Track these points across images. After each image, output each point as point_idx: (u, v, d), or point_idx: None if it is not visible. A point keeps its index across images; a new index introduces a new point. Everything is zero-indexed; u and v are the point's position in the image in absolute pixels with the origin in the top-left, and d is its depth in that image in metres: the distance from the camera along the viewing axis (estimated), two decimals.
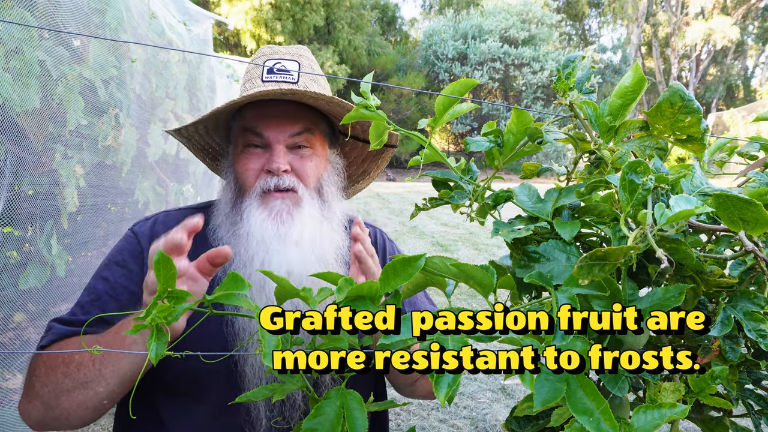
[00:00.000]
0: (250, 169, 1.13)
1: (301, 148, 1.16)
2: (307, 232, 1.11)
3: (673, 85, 0.75)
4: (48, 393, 0.96)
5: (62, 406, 0.96)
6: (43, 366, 0.99)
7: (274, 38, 20.33)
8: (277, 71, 1.18)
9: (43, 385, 0.97)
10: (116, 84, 2.42)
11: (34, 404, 0.98)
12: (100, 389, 0.94)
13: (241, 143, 1.16)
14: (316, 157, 1.18)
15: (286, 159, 1.12)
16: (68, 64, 1.94)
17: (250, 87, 1.19)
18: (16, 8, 1.63)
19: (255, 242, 1.08)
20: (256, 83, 1.19)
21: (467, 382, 3.64)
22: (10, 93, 1.60)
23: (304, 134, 1.16)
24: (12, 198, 1.72)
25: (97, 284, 1.12)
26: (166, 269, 0.59)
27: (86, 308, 1.09)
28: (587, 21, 41.21)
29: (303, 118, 1.16)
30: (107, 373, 0.93)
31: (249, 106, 1.15)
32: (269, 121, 1.13)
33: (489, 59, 24.99)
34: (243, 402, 0.83)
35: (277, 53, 1.21)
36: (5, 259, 1.74)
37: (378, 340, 0.59)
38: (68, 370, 0.95)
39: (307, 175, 1.15)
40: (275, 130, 1.13)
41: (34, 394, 0.98)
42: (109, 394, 0.95)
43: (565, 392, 0.56)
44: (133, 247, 1.16)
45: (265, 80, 1.18)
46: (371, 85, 0.77)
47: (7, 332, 1.75)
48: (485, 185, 0.84)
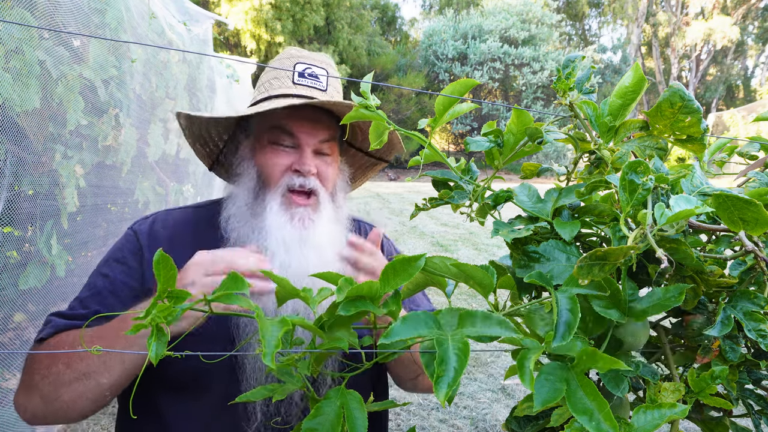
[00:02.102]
0: (278, 164, 1.15)
1: (324, 155, 1.20)
2: (326, 236, 1.14)
3: (673, 85, 0.75)
4: (48, 385, 0.96)
5: (62, 398, 0.96)
6: (43, 358, 0.99)
7: (274, 38, 20.33)
8: (309, 76, 1.21)
9: (43, 377, 0.97)
10: (116, 84, 2.42)
11: (32, 397, 0.98)
12: (104, 380, 0.94)
13: (267, 139, 1.17)
14: (335, 164, 1.23)
15: (314, 162, 1.16)
16: (68, 64, 1.94)
17: (278, 85, 1.21)
18: (16, 8, 1.63)
19: (275, 242, 1.09)
20: (286, 83, 1.21)
21: (467, 382, 3.64)
22: (10, 93, 1.60)
23: (329, 142, 1.20)
24: (12, 198, 1.72)
25: (96, 280, 1.13)
26: (166, 269, 0.59)
27: (85, 303, 1.09)
28: (587, 21, 41.21)
29: (331, 126, 1.20)
30: (112, 363, 0.94)
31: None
32: (303, 124, 1.16)
33: (489, 59, 24.99)
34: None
35: (307, 58, 1.24)
36: (5, 259, 1.74)
37: (378, 340, 0.59)
38: (70, 361, 0.95)
39: (328, 180, 1.20)
40: (307, 134, 1.16)
41: (33, 387, 0.98)
42: (112, 384, 0.96)
43: (565, 392, 0.56)
44: (133, 245, 1.17)
45: (296, 83, 1.20)
46: (371, 85, 0.77)
47: (7, 332, 1.75)
48: (485, 185, 0.84)
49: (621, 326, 0.71)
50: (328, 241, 1.14)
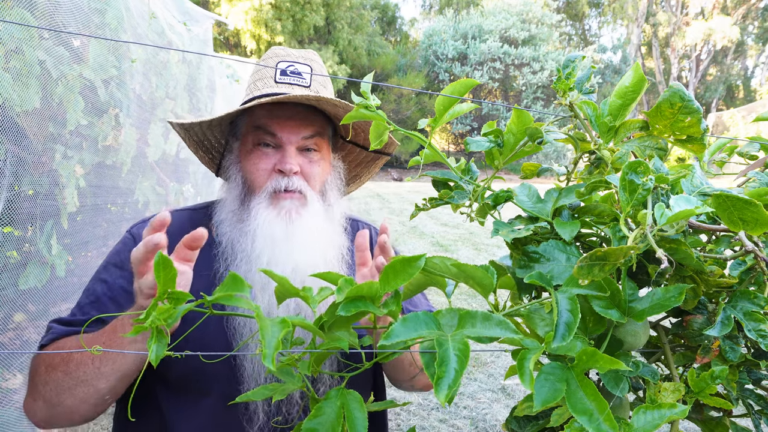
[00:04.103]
0: (261, 169, 1.14)
1: (310, 152, 1.18)
2: (313, 232, 1.12)
3: (673, 85, 0.75)
4: (50, 391, 0.97)
5: (65, 403, 0.97)
6: (43, 365, 1.00)
7: (274, 38, 20.33)
8: (291, 74, 1.20)
9: (44, 384, 0.98)
10: (116, 84, 2.42)
11: (37, 403, 1.00)
12: (102, 386, 0.95)
13: (251, 141, 1.17)
14: (323, 161, 1.21)
15: (297, 161, 1.14)
16: (68, 64, 1.94)
17: (262, 86, 1.20)
18: (16, 8, 1.63)
19: (262, 240, 1.09)
20: (269, 83, 1.20)
21: (467, 382, 3.64)
22: (10, 93, 1.60)
23: (314, 138, 1.18)
24: (12, 198, 1.72)
25: (95, 286, 1.13)
26: (165, 270, 0.59)
27: (85, 309, 1.10)
28: (587, 21, 41.21)
29: (315, 122, 1.19)
30: (107, 370, 0.94)
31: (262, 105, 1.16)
32: (283, 122, 1.15)
33: (489, 59, 24.99)
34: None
35: (290, 55, 1.23)
36: (5, 259, 1.74)
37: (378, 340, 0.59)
38: (68, 368, 0.96)
39: (314, 179, 1.17)
40: (289, 132, 1.15)
41: (37, 393, 0.99)
42: (110, 389, 0.96)
43: (565, 392, 0.56)
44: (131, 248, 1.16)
45: (278, 81, 1.19)
46: (371, 85, 0.77)
47: (7, 332, 1.75)
48: (485, 185, 0.84)
49: (621, 326, 0.71)
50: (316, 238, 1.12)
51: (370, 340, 0.75)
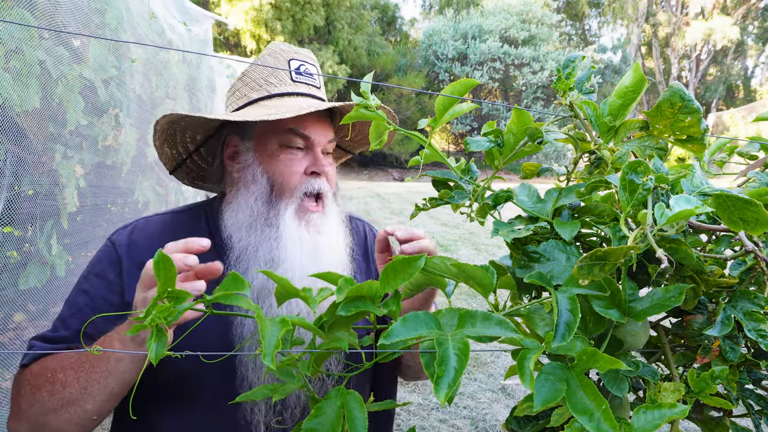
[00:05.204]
0: (294, 171, 1.13)
1: (328, 154, 1.19)
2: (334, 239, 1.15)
3: (673, 85, 0.75)
4: (35, 412, 0.94)
5: (50, 425, 0.94)
6: (27, 386, 0.97)
7: (274, 38, 20.33)
8: (305, 73, 1.20)
9: (29, 405, 0.95)
10: (116, 84, 2.42)
11: (22, 423, 0.96)
12: (89, 406, 0.92)
13: (276, 142, 1.14)
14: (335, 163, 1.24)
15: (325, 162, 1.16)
16: (68, 64, 1.94)
17: (277, 83, 1.17)
18: (16, 8, 1.63)
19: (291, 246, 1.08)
20: (285, 80, 1.18)
21: (467, 382, 3.64)
22: (10, 93, 1.60)
23: (333, 141, 1.20)
24: (12, 198, 1.72)
25: (77, 297, 1.09)
26: (166, 269, 0.59)
27: (67, 323, 1.06)
28: (587, 21, 41.20)
29: (332, 125, 1.21)
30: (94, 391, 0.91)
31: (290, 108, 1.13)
32: (313, 125, 1.15)
33: (489, 59, 24.99)
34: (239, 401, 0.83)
35: (298, 53, 1.21)
36: (5, 259, 1.74)
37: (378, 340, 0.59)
38: (53, 389, 0.93)
39: (332, 180, 1.19)
40: (319, 134, 1.15)
41: (21, 414, 0.96)
42: (98, 410, 0.93)
43: (565, 392, 0.56)
44: (111, 257, 1.13)
45: (295, 80, 1.18)
46: (371, 85, 0.77)
47: (7, 332, 1.75)
48: (485, 185, 0.84)
49: (621, 326, 0.71)
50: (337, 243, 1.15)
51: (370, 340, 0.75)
